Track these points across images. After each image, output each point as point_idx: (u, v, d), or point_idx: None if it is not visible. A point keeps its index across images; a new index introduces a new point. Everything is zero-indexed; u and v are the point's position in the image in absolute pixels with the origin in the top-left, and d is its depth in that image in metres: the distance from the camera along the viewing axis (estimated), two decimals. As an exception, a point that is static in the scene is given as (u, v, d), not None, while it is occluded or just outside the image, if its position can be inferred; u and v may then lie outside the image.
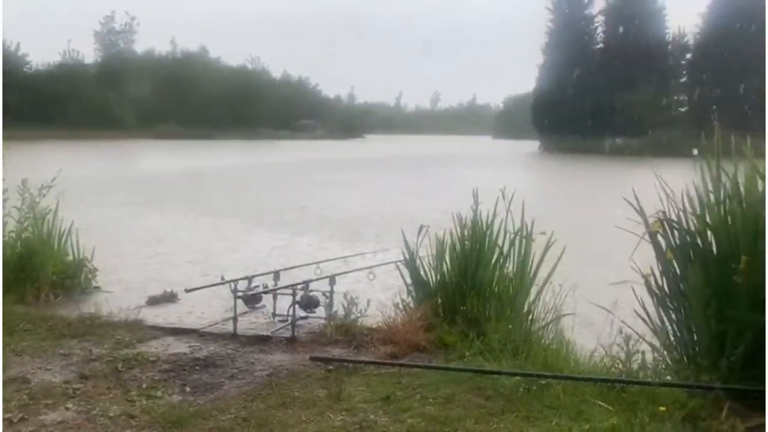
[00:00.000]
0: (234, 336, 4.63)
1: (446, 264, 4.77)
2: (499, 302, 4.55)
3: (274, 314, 5.08)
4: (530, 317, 4.49)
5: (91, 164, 29.70)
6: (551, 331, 4.29)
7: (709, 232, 3.62)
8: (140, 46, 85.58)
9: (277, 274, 5.40)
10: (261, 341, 4.54)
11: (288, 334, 4.61)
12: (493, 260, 4.69)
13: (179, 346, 4.40)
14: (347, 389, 3.47)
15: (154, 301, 5.81)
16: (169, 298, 5.90)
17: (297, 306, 4.85)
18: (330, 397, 3.38)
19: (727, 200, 3.63)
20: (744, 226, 3.45)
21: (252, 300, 5.27)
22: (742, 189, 3.61)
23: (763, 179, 3.61)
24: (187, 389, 3.60)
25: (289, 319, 4.69)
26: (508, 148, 62.13)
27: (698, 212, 3.69)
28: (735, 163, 3.69)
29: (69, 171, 8.48)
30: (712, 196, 3.68)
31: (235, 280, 5.04)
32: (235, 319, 4.74)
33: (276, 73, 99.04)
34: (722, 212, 3.61)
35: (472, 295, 4.52)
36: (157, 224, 12.64)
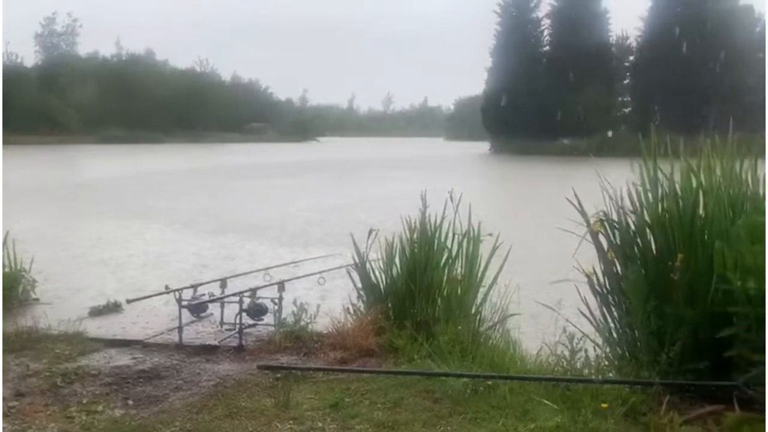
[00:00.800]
0: (179, 346, 4.53)
1: (396, 267, 4.78)
2: (448, 304, 4.58)
3: (221, 323, 4.99)
4: (478, 318, 4.54)
5: (30, 171, 28.64)
6: (498, 331, 4.35)
7: (647, 231, 3.73)
8: (83, 49, 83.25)
9: (224, 282, 5.31)
10: (208, 351, 4.45)
11: (236, 342, 4.53)
12: (442, 262, 4.72)
13: (122, 358, 4.27)
14: (295, 397, 3.44)
15: (96, 312, 5.63)
16: (112, 308, 5.73)
17: (245, 314, 4.78)
18: (277, 406, 3.34)
19: (664, 199, 3.75)
20: (680, 225, 3.56)
21: (198, 309, 5.16)
22: (678, 188, 3.73)
23: (697, 177, 3.74)
24: (130, 402, 3.50)
25: (237, 327, 4.62)
26: (459, 150, 62.82)
27: (637, 211, 3.80)
28: (671, 163, 3.82)
29: (8, 178, 8.15)
30: (650, 195, 3.80)
31: (180, 289, 4.92)
32: (180, 328, 4.64)
33: (226, 76, 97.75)
34: (660, 211, 3.72)
35: (421, 297, 4.55)
36: (100, 232, 12.27)
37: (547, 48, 63.06)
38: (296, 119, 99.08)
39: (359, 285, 4.90)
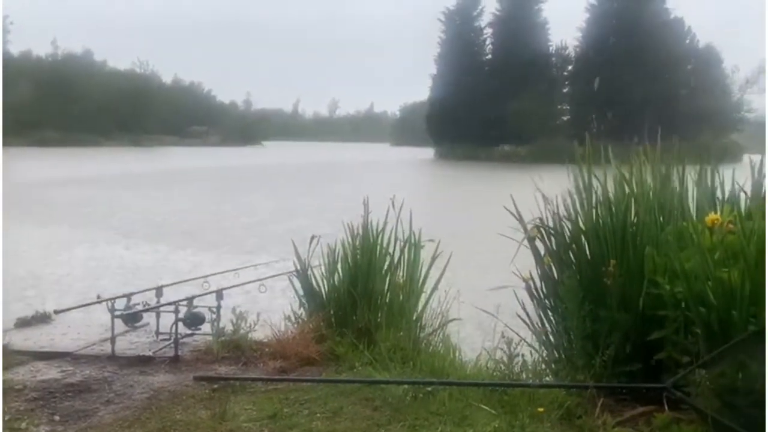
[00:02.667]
0: (112, 358, 4.36)
1: (338, 274, 4.75)
2: (390, 310, 4.58)
3: (157, 333, 4.84)
4: (419, 324, 4.56)
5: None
6: (439, 337, 4.37)
7: (582, 237, 3.82)
8: (16, 47, 79.88)
9: (159, 291, 5.15)
10: (142, 362, 4.30)
11: (171, 353, 4.40)
12: (384, 268, 4.72)
13: (49, 372, 4.08)
14: (232, 408, 3.35)
15: (23, 324, 5.35)
16: (41, 319, 5.47)
17: (182, 323, 4.64)
18: (213, 418, 3.25)
19: (598, 206, 3.86)
20: (612, 231, 3.66)
21: (132, 319, 4.98)
22: (611, 194, 3.84)
23: (629, 184, 3.86)
24: (57, 418, 3.34)
25: (173, 337, 4.48)
26: (404, 155, 63.27)
27: (572, 218, 3.89)
28: (604, 170, 3.92)
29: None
30: (584, 202, 3.90)
31: (113, 298, 4.75)
32: (112, 339, 4.47)
33: (167, 78, 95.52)
34: (593, 218, 3.82)
35: (363, 304, 4.53)
36: (28, 240, 11.76)
37: (489, 56, 64.33)
38: (240, 123, 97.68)
39: (301, 292, 4.84)
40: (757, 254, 3.17)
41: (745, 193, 3.75)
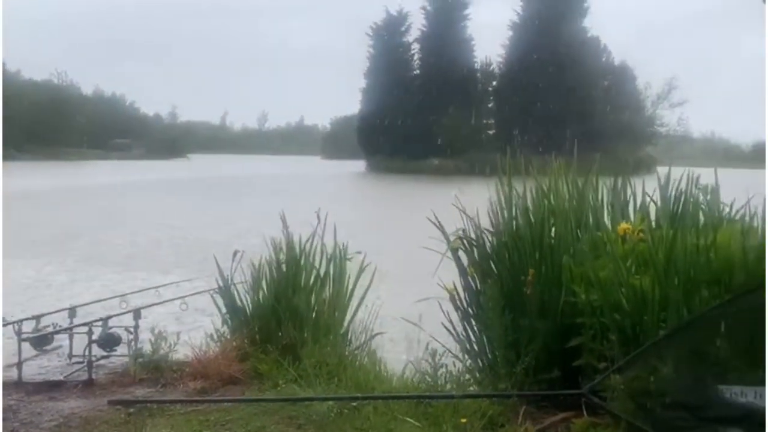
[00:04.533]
0: (19, 384, 4.10)
1: (263, 289, 4.65)
2: (316, 326, 4.51)
3: (70, 355, 4.59)
4: (346, 339, 4.51)
5: None
6: (365, 351, 4.34)
7: (503, 248, 3.89)
8: None
9: (73, 311, 4.89)
10: (52, 387, 4.06)
11: (85, 376, 4.18)
12: (311, 283, 4.65)
13: (-52, 402, 3.79)
14: (149, 433, 3.21)
15: None
16: (-60, 345, 5.08)
17: (96, 345, 4.42)
18: (128, 444, 3.10)
19: (518, 217, 3.95)
20: (531, 242, 3.75)
21: (41, 342, 4.69)
22: (530, 206, 3.94)
23: (548, 198, 3.98)
24: (-47, 453, 3.10)
25: (86, 360, 4.26)
26: (335, 169, 63.20)
27: (494, 230, 3.97)
28: (524, 182, 4.02)
29: None
30: (505, 214, 3.98)
31: (20, 321, 4.47)
32: (19, 364, 4.20)
33: (87, 89, 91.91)
34: (514, 229, 3.91)
35: (287, 320, 4.44)
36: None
37: (417, 71, 65.37)
38: (165, 135, 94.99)
39: (223, 309, 4.71)
40: (666, 261, 3.32)
41: (655, 203, 3.92)
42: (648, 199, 3.95)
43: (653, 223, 3.75)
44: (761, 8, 1.92)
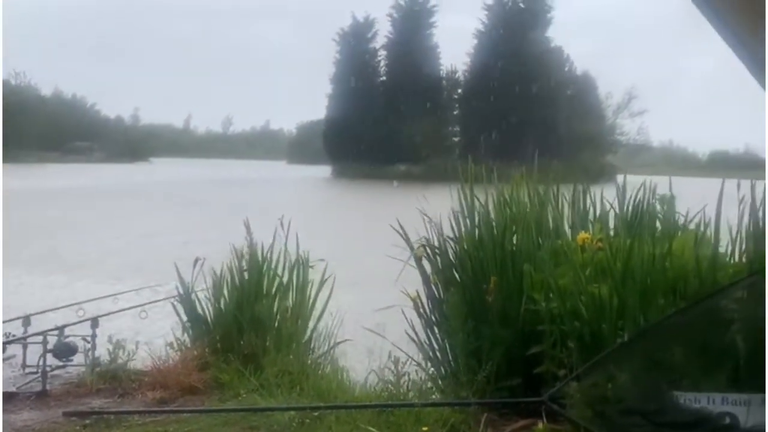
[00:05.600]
0: (-32, 397, 3.95)
1: (225, 298, 4.59)
2: (278, 334, 4.47)
3: (24, 365, 4.45)
4: (309, 347, 4.48)
5: None
6: (328, 359, 4.32)
7: (465, 256, 3.92)
8: None
9: (27, 320, 4.74)
10: (4, 399, 3.91)
11: (39, 387, 4.06)
12: (273, 290, 4.61)
13: None
14: (105, 445, 3.14)
15: None
16: None
17: (52, 354, 4.30)
18: (83, 458, 3.02)
19: (480, 225, 3.98)
20: (493, 250, 3.79)
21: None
22: (492, 215, 3.98)
23: (509, 206, 4.02)
24: None
25: (41, 370, 4.14)
26: (300, 173, 62.88)
27: (456, 238, 4.00)
28: (486, 190, 4.06)
29: None
30: (468, 222, 4.01)
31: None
32: (-32, 376, 4.06)
33: (46, 91, 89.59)
34: (476, 237, 3.94)
35: (249, 328, 4.39)
36: None
37: (384, 78, 65.52)
38: (127, 138, 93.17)
39: (184, 318, 4.64)
40: (623, 270, 3.39)
41: (616, 211, 3.98)
42: (607, 207, 4.02)
43: (612, 232, 3.83)
44: (717, 21, 1.98)
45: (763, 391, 2.73)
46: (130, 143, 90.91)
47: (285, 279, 4.59)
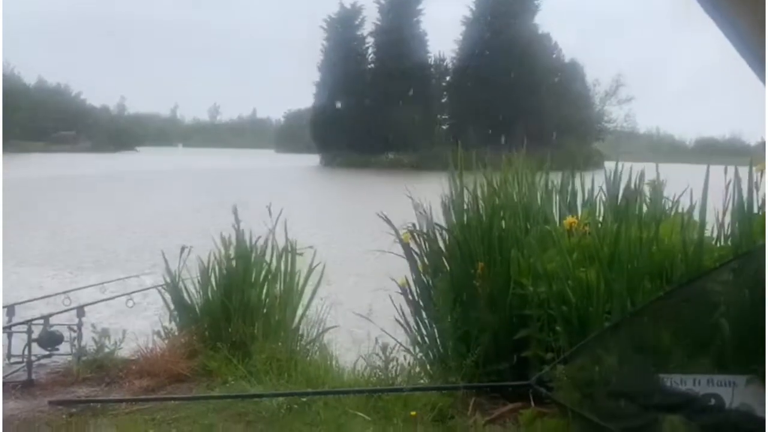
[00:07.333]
0: (-48, 387, 3.91)
1: (212, 285, 4.56)
2: (267, 321, 4.46)
3: (9, 355, 4.40)
4: (297, 334, 4.47)
5: None
6: (317, 346, 4.31)
7: (453, 242, 3.92)
8: None
9: (11, 309, 4.69)
10: (-12, 389, 3.89)
11: (25, 376, 4.02)
12: (261, 278, 4.59)
13: None
14: (92, 434, 3.12)
15: None
16: None
17: (37, 344, 4.26)
18: (69, 446, 3.00)
19: (469, 211, 3.98)
20: (481, 236, 3.79)
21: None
22: (480, 201, 3.98)
23: (497, 192, 4.02)
24: None
25: (26, 359, 4.10)
26: (289, 162, 62.63)
27: (444, 224, 3.99)
28: (475, 178, 4.06)
29: None
30: (456, 208, 4.00)
31: (-47, 321, 4.26)
32: (-47, 366, 4.02)
33: (30, 80, 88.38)
34: (464, 223, 3.94)
35: (237, 316, 4.37)
36: None
37: (372, 65, 65.22)
38: (112, 128, 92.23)
39: (172, 306, 4.61)
40: (610, 254, 3.40)
41: (605, 194, 3.98)
42: (595, 193, 4.02)
43: (600, 217, 3.83)
44: (714, 11, 1.96)
45: (748, 373, 2.76)
46: (115, 132, 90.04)
47: (273, 266, 4.58)
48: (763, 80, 2.20)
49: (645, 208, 3.76)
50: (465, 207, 3.98)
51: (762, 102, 2.39)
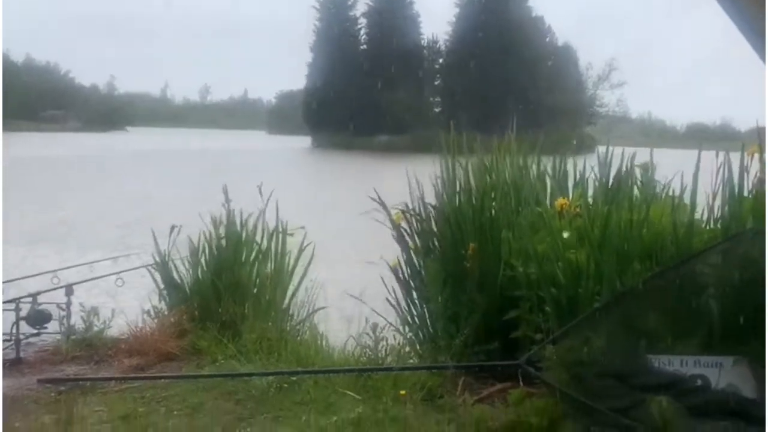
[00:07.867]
0: (-62, 366, 3.89)
1: (202, 265, 4.55)
2: (257, 301, 4.46)
3: (-3, 334, 4.38)
4: (288, 314, 4.48)
5: None
6: (307, 326, 4.32)
7: (445, 223, 3.92)
8: None
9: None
10: (-23, 368, 3.87)
11: (13, 355, 4.01)
12: (252, 258, 4.58)
13: None
14: (81, 411, 3.11)
15: None
16: None
17: (25, 322, 4.24)
18: (58, 423, 3.00)
19: (461, 193, 3.97)
20: (473, 217, 3.79)
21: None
22: (472, 182, 3.97)
23: (489, 174, 4.01)
24: None
25: (14, 338, 4.09)
26: (281, 144, 62.34)
27: (437, 205, 3.99)
28: (467, 159, 4.05)
29: None
30: (448, 190, 4.00)
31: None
32: (-59, 344, 4.00)
33: (17, 57, 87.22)
34: (456, 204, 3.93)
35: (227, 295, 4.37)
36: None
37: (365, 47, 64.78)
38: (102, 107, 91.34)
39: (161, 285, 4.60)
40: (601, 236, 3.41)
41: (596, 176, 3.97)
42: (586, 176, 4.02)
43: (591, 200, 3.83)
44: None
45: (735, 354, 2.79)
46: (105, 112, 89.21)
47: (264, 246, 4.56)
48: (763, 57, 2.18)
49: (636, 192, 3.77)
50: (457, 189, 3.98)
51: (757, 83, 2.38)
